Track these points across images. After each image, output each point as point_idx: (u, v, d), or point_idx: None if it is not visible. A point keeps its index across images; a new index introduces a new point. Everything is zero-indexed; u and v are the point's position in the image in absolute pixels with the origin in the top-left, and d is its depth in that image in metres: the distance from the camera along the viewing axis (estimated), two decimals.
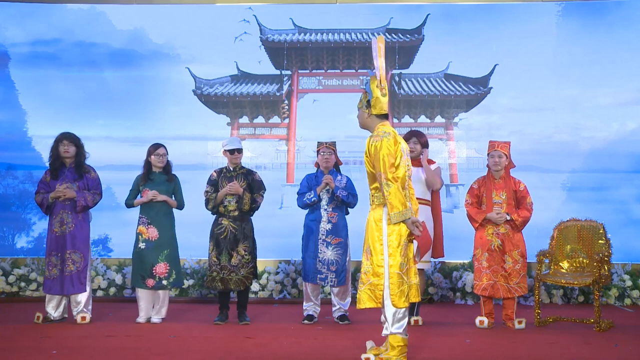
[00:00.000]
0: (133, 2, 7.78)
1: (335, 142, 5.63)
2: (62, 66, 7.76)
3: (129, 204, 5.52)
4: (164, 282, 5.40)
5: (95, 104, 7.66)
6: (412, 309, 5.41)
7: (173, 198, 5.53)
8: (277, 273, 7.02)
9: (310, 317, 5.48)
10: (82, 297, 5.41)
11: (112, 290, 7.00)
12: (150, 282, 5.38)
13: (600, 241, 5.49)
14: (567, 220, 5.77)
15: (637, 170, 7.30)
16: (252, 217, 5.53)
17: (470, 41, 7.58)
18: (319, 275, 5.37)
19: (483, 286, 5.26)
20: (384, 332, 3.94)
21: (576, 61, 7.44)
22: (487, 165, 5.45)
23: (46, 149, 5.44)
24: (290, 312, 6.09)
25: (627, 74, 7.37)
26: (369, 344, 4.10)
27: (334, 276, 5.36)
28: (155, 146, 5.55)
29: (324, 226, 5.42)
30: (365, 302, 3.90)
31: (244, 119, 7.79)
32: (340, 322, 5.40)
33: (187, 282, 6.94)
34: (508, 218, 5.25)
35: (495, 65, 7.56)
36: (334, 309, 5.50)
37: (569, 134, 7.47)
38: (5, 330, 5.09)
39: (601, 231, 5.53)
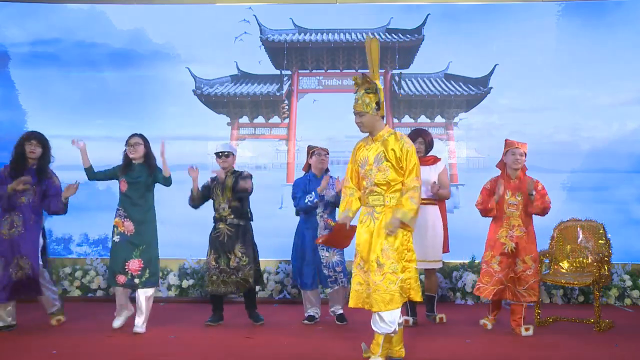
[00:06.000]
0: (133, 2, 7.78)
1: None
2: (62, 66, 7.76)
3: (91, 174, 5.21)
4: (136, 280, 5.01)
5: (95, 104, 7.66)
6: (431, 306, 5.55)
7: (154, 186, 5.22)
8: (277, 273, 7.01)
9: (311, 318, 5.47)
10: (47, 300, 5.23)
11: (112, 290, 6.99)
12: (121, 278, 5.01)
13: (600, 241, 5.49)
14: (567, 220, 5.77)
15: (637, 170, 7.30)
16: (251, 222, 5.44)
17: (470, 41, 7.58)
18: (329, 280, 5.35)
19: (495, 291, 5.02)
20: (389, 330, 3.92)
21: (576, 61, 7.44)
22: (498, 166, 5.28)
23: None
24: (290, 312, 6.09)
25: (627, 74, 7.37)
26: (364, 346, 4.12)
27: (342, 276, 5.36)
28: (130, 136, 5.23)
29: (322, 233, 5.36)
30: (399, 300, 3.89)
31: (244, 119, 7.79)
32: (339, 323, 5.38)
33: (187, 282, 6.94)
34: (533, 194, 5.00)
35: (495, 65, 7.56)
36: (331, 309, 5.50)
37: (569, 134, 7.47)
38: (5, 330, 5.08)
39: (601, 231, 5.53)
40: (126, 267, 5.02)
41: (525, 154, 5.13)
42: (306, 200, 5.39)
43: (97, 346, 4.58)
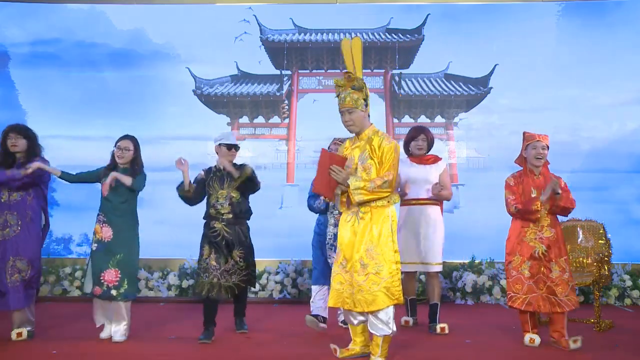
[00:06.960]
0: (133, 2, 7.78)
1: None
2: (62, 66, 7.77)
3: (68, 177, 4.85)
4: (113, 292, 4.62)
5: (95, 104, 7.66)
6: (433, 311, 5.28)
7: (137, 192, 4.88)
8: (277, 273, 7.01)
9: (313, 316, 5.44)
10: (22, 315, 4.73)
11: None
12: (97, 290, 4.62)
13: (600, 241, 5.49)
14: (567, 220, 5.74)
15: (637, 170, 7.31)
16: (248, 221, 5.16)
17: (470, 41, 7.58)
18: (328, 277, 5.31)
19: (528, 300, 4.51)
20: (388, 332, 3.93)
21: (576, 61, 7.44)
22: (517, 162, 4.77)
23: (46, 150, 5.35)
24: (290, 312, 6.09)
25: (627, 74, 7.37)
26: (332, 346, 4.18)
27: None
28: (121, 138, 4.90)
29: (332, 230, 5.28)
30: (383, 301, 3.86)
31: (244, 119, 7.79)
32: (344, 326, 5.32)
33: (187, 282, 6.94)
34: (559, 191, 4.48)
35: (495, 65, 7.56)
36: (338, 312, 5.44)
37: (569, 134, 7.47)
38: (4, 330, 5.07)
39: (601, 231, 5.52)
40: (102, 277, 4.63)
41: (548, 147, 4.64)
42: (315, 205, 5.24)
43: (97, 346, 4.58)
